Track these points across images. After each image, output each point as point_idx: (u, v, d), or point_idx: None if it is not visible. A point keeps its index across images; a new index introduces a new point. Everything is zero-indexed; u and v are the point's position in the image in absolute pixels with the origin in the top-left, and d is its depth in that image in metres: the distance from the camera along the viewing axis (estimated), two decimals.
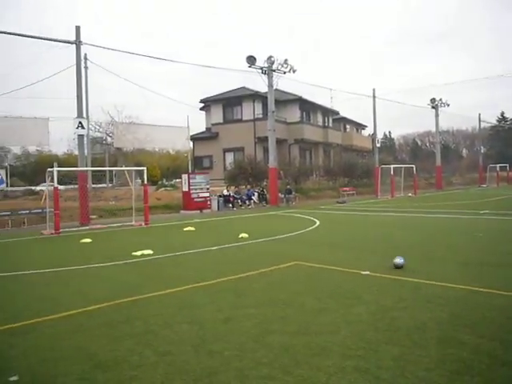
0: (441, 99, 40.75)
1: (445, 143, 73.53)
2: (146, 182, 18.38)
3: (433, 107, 41.22)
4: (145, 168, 18.97)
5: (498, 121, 72.34)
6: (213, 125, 41.26)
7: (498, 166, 48.96)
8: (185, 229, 14.95)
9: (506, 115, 75.15)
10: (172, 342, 4.59)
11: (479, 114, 51.87)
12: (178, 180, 42.44)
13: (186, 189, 23.43)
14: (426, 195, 32.44)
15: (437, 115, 41.73)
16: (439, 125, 43.39)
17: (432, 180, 44.77)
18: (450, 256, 8.72)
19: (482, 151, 56.73)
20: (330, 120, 48.56)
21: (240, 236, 12.31)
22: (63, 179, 19.17)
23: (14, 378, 3.85)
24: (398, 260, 7.71)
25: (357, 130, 57.84)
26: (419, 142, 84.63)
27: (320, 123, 45.49)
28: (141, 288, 6.89)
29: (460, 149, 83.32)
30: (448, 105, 40.99)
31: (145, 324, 5.17)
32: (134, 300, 6.23)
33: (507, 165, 51.98)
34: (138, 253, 10.06)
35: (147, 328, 5.02)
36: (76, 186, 20.43)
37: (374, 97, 34.16)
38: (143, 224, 17.15)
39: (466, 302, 5.62)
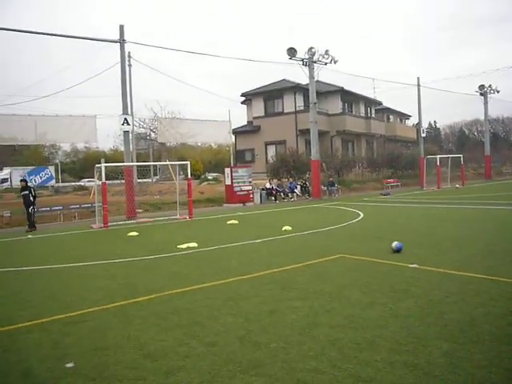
0: (490, 85, 39.10)
1: (494, 132, 70.62)
2: (189, 176, 18.66)
3: (481, 94, 39.62)
4: (188, 162, 19.24)
5: None
6: (254, 118, 41.31)
7: None
8: (228, 222, 15.08)
9: None
10: (218, 333, 4.65)
11: None
12: (217, 174, 42.90)
13: (228, 182, 23.62)
14: (474, 186, 31.29)
15: (486, 102, 40.09)
16: (488, 113, 41.63)
17: (480, 170, 43.18)
18: (502, 249, 8.37)
19: None
20: (373, 110, 47.58)
21: (283, 229, 12.30)
22: (110, 174, 19.72)
23: (70, 365, 4.02)
24: (396, 245, 8.43)
25: (400, 120, 56.40)
26: (466, 131, 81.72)
27: (362, 114, 44.66)
28: (187, 280, 7.02)
29: (511, 137, 79.83)
30: (498, 91, 39.26)
31: (192, 315, 5.26)
32: (181, 292, 6.35)
33: None
34: (184, 246, 10.25)
35: (194, 319, 5.11)
36: (122, 181, 20.96)
37: (419, 85, 33.18)
38: (187, 217, 17.43)
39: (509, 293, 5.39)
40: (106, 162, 18.45)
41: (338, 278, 6.72)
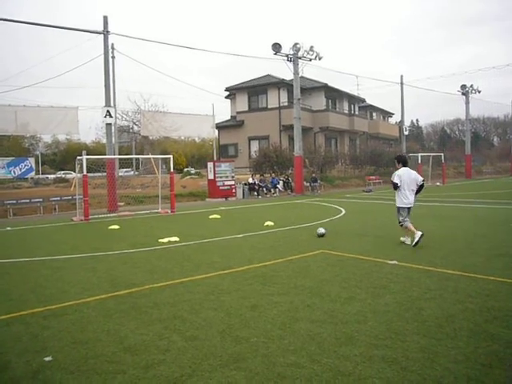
0: (471, 85, 39.71)
1: (475, 131, 71.74)
2: (172, 169, 18.55)
3: (463, 94, 40.22)
4: (171, 156, 19.12)
5: None
6: (238, 113, 41.23)
7: None
8: (210, 216, 15.05)
9: None
10: (199, 327, 4.65)
11: None
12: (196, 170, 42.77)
13: (211, 177, 23.58)
14: (454, 184, 31.79)
15: (467, 102, 40.71)
16: (469, 112, 42.27)
17: (461, 169, 43.86)
18: (481, 247, 8.53)
19: None
20: (356, 108, 47.93)
21: (265, 224, 12.34)
22: (91, 167, 19.48)
23: (48, 359, 3.98)
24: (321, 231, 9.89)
25: (383, 117, 56.91)
26: (448, 130, 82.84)
27: (346, 111, 44.93)
28: (168, 274, 7.00)
29: (491, 137, 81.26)
30: (479, 91, 39.92)
31: (173, 309, 5.25)
32: (162, 286, 6.32)
33: None
34: (165, 240, 10.20)
35: (175, 313, 5.10)
36: (104, 174, 20.76)
37: (402, 84, 33.53)
38: (169, 211, 17.35)
39: (497, 294, 5.50)
40: (87, 155, 18.24)
41: (319, 274, 6.77)
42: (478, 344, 4.02)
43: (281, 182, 26.43)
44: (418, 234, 8.63)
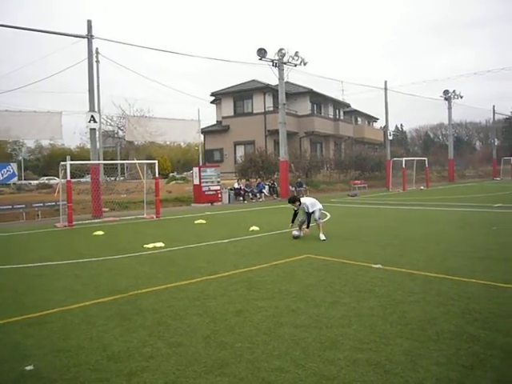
0: (454, 91, 40.32)
1: (458, 136, 72.84)
2: (157, 175, 18.46)
3: (445, 99, 40.79)
4: (156, 161, 19.04)
5: None
6: (223, 118, 41.25)
7: None
8: (196, 222, 15.01)
9: None
10: (184, 333, 4.63)
11: (493, 106, 51.27)
12: (188, 173, 42.64)
13: (196, 182, 23.51)
14: (438, 188, 32.17)
15: (450, 107, 41.27)
16: (452, 117, 42.90)
17: (444, 173, 44.40)
18: (464, 250, 8.64)
19: (496, 144, 56.04)
20: (341, 113, 48.30)
21: (251, 229, 12.34)
22: (76, 173, 19.32)
23: (30, 368, 3.92)
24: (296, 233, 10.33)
25: (368, 122, 57.43)
26: (432, 135, 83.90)
27: (331, 116, 45.24)
28: (153, 280, 6.95)
29: (473, 141, 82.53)
30: (461, 97, 40.52)
31: (157, 316, 5.21)
32: (146, 292, 6.28)
33: None
34: (150, 245, 10.14)
35: (159, 320, 5.07)
36: (88, 180, 20.58)
37: (386, 89, 33.86)
38: (154, 217, 17.26)
39: (479, 296, 5.57)
40: (71, 160, 18.07)
41: (304, 278, 6.79)
42: (460, 346, 4.07)
43: (266, 187, 26.46)
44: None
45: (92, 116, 18.60)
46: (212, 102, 43.39)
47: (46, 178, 41.76)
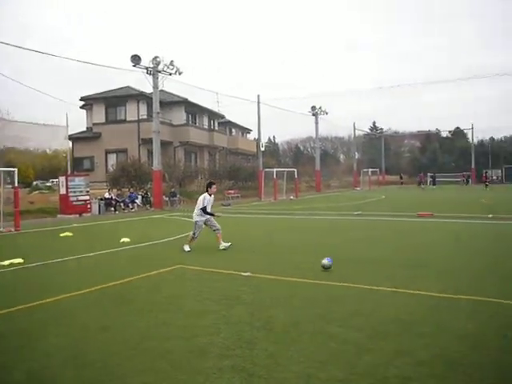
0: (320, 107, 43.48)
1: (324, 149, 78.43)
2: (16, 184, 16.93)
3: (313, 115, 43.78)
4: (16, 169, 17.43)
5: (370, 129, 79.07)
6: (94, 124, 39.38)
7: (369, 170, 53.59)
8: (61, 234, 14.04)
9: (377, 125, 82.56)
10: (48, 354, 4.30)
11: (354, 123, 56.34)
12: (55, 181, 39.76)
13: (63, 191, 22.08)
14: (306, 197, 34.24)
15: (316, 122, 44.41)
16: (319, 132, 46.20)
17: (312, 183, 47.44)
18: (327, 255, 9.30)
19: (357, 157, 61.59)
20: (216, 123, 49.08)
21: (122, 240, 11.90)
22: None
23: None
24: (327, 262, 7.69)
25: (242, 133, 59.13)
26: (301, 147, 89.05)
27: (206, 126, 45.73)
28: (8, 300, 6.34)
29: (338, 154, 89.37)
30: (327, 113, 43.95)
31: (18, 338, 4.77)
32: (2, 314, 5.70)
33: (377, 169, 57.33)
34: (6, 262, 9.21)
35: (20, 343, 4.65)
36: None
37: (259, 103, 35.27)
38: (13, 230, 15.79)
39: (339, 297, 6.06)
40: None
41: (175, 289, 6.75)
42: (319, 344, 4.38)
43: (139, 197, 25.78)
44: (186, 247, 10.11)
45: None
46: (82, 107, 41.14)
47: None
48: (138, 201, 25.39)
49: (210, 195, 10.60)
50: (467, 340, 4.42)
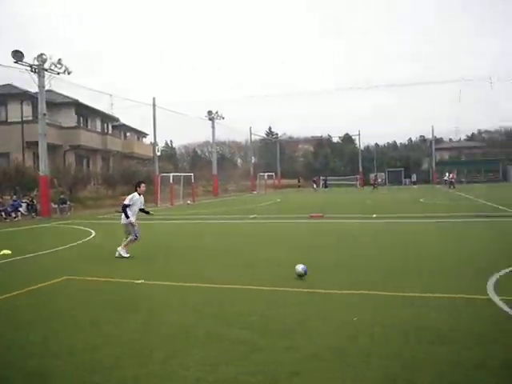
0: (217, 112, 43.81)
1: (222, 153, 79.08)
2: None
3: (210, 119, 43.95)
4: None
5: (266, 134, 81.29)
6: None
7: (266, 174, 55.12)
8: None
9: (272, 129, 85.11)
10: None
11: (250, 128, 57.46)
12: None
13: None
14: (203, 202, 34.26)
15: (213, 127, 44.63)
16: (216, 136, 46.46)
17: (209, 187, 47.56)
18: (225, 259, 9.43)
19: (253, 161, 62.97)
20: (110, 127, 47.20)
21: (1, 253, 10.93)
22: None
23: None
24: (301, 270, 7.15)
25: (138, 137, 57.49)
26: (199, 152, 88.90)
27: (99, 129, 43.77)
28: None
29: (235, 158, 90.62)
30: (223, 118, 44.40)
31: None
32: None
33: (273, 173, 59.13)
34: None
35: None
36: None
37: (154, 105, 34.55)
38: None
39: (233, 299, 6.14)
40: None
41: (63, 302, 6.38)
42: (209, 347, 4.42)
43: (24, 205, 23.88)
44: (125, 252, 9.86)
45: None
46: None
47: None
48: (23, 209, 23.50)
49: (140, 194, 10.37)
50: (345, 330, 4.72)
